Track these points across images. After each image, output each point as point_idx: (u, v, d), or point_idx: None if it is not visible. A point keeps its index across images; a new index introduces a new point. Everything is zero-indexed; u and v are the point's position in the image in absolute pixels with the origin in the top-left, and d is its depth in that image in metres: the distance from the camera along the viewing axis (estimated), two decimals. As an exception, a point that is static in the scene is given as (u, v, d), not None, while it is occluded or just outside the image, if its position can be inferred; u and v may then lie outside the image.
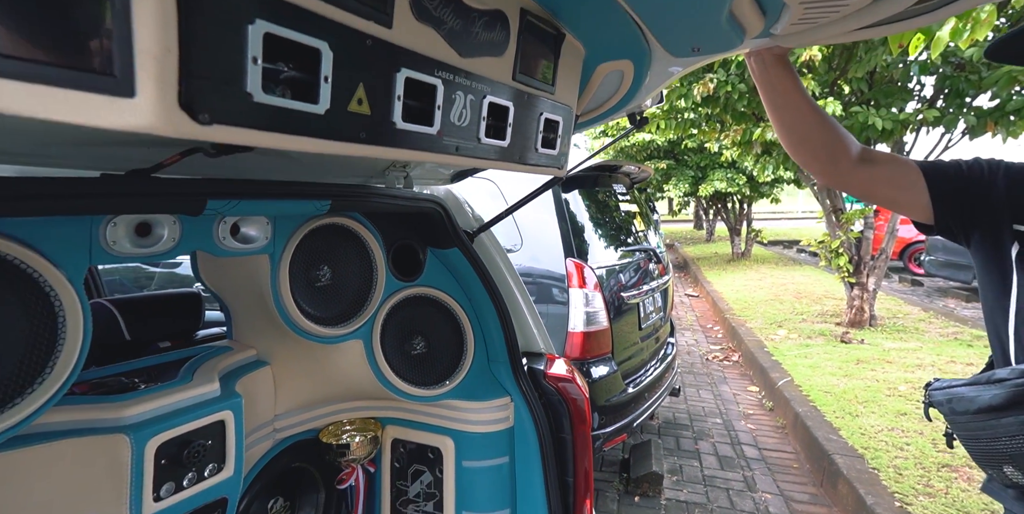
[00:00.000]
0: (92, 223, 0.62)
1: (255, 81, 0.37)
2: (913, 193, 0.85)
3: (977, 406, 0.77)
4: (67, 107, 0.30)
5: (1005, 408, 0.75)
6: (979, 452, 0.79)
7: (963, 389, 0.79)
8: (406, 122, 0.50)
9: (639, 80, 0.82)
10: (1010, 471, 0.77)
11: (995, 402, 0.75)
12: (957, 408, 0.80)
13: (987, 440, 0.77)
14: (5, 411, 0.54)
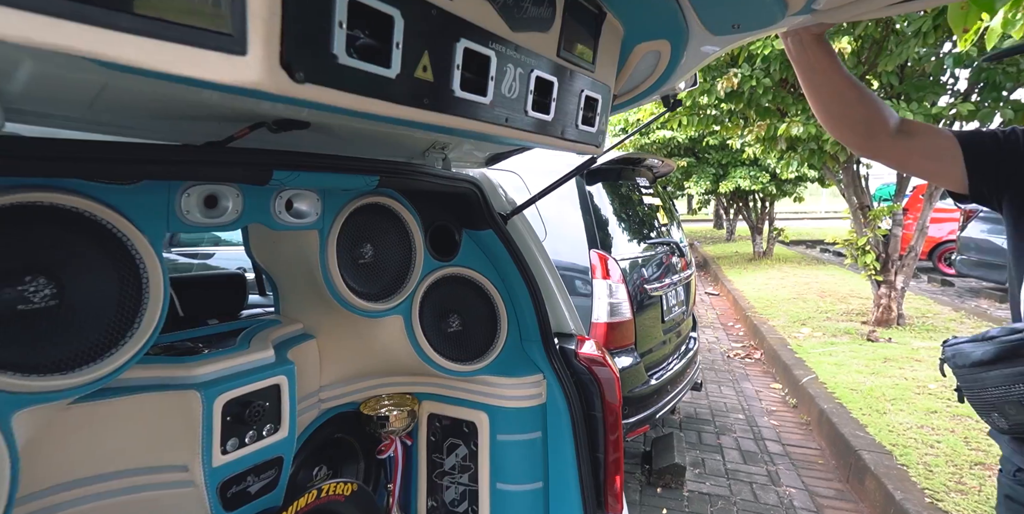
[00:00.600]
0: (170, 193, 0.67)
1: (340, 44, 0.41)
2: (948, 163, 0.87)
3: (971, 360, 0.86)
4: (191, 63, 0.34)
5: (993, 362, 0.84)
6: (974, 401, 0.88)
7: (965, 345, 0.87)
8: (463, 91, 0.54)
9: (675, 61, 0.84)
10: (996, 417, 0.86)
11: (985, 357, 0.84)
12: (958, 362, 0.88)
13: (978, 390, 0.86)
14: (101, 361, 0.59)
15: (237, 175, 0.64)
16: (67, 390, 0.57)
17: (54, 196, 0.56)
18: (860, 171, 4.94)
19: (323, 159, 0.72)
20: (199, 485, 0.72)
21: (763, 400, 3.70)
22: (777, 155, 5.23)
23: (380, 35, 0.44)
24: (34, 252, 0.56)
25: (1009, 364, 0.83)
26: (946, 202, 7.86)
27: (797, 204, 11.43)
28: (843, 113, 0.88)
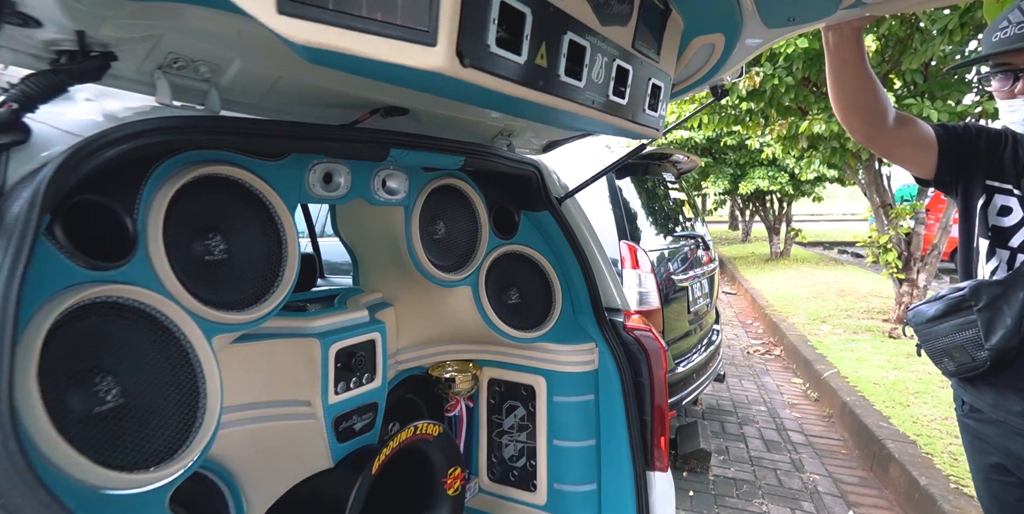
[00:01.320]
0: (301, 169, 0.79)
1: (492, 36, 0.52)
2: (925, 152, 1.05)
3: (926, 317, 1.04)
4: (395, 51, 0.46)
5: (942, 316, 1.02)
6: (930, 351, 1.06)
7: (921, 306, 1.07)
8: (566, 76, 0.65)
9: (727, 53, 0.94)
10: (946, 362, 1.04)
11: (936, 313, 1.02)
12: (916, 321, 1.07)
13: (932, 341, 1.04)
14: (260, 304, 0.71)
15: (363, 151, 0.76)
16: (242, 324, 0.68)
17: (229, 169, 0.68)
18: (882, 170, 4.95)
19: (426, 139, 0.84)
20: (319, 418, 0.84)
21: (784, 394, 3.75)
22: (798, 154, 5.26)
23: (514, 29, 0.56)
24: (213, 214, 0.69)
25: (955, 316, 1.01)
26: (969, 202, 7.77)
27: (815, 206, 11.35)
28: (860, 103, 1.01)
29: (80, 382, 0.51)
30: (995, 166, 1.03)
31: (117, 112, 0.53)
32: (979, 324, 1.00)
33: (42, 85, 0.42)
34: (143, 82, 0.55)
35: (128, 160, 0.52)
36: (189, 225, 0.67)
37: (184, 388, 0.59)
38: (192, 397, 0.59)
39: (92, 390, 0.51)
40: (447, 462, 0.99)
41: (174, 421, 0.57)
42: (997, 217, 1.02)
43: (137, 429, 0.53)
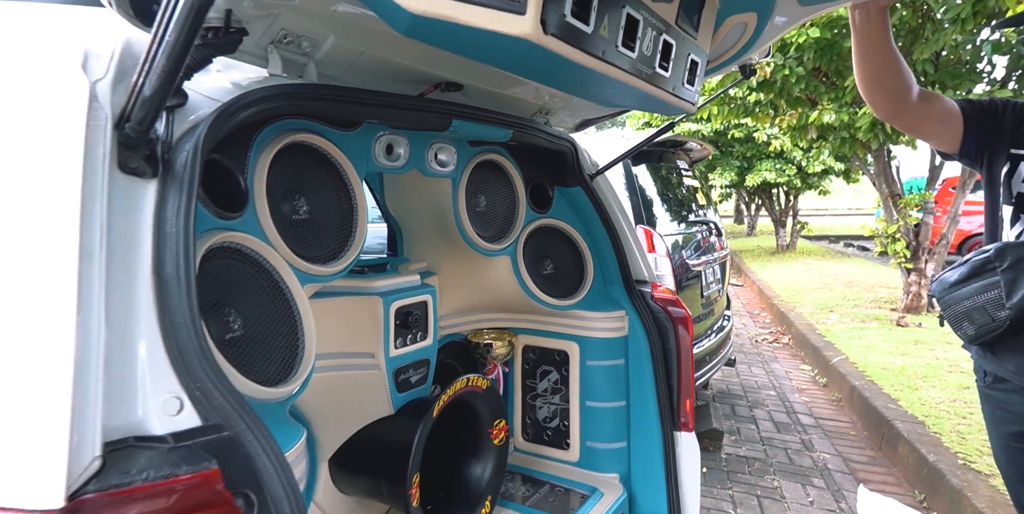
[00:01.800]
0: (369, 139, 0.86)
1: (569, 7, 0.59)
2: (950, 127, 1.09)
3: (949, 282, 1.08)
4: (492, 19, 0.53)
5: (966, 279, 1.06)
6: (950, 317, 1.08)
7: (944, 274, 1.10)
8: (622, 47, 0.71)
9: (758, 32, 1.00)
10: (966, 326, 1.06)
11: (960, 277, 1.06)
12: (938, 288, 1.10)
13: (953, 306, 1.07)
14: (337, 260, 0.79)
15: (429, 120, 0.83)
16: (324, 276, 0.76)
17: (313, 137, 0.76)
18: (891, 161, 4.99)
19: (482, 112, 0.91)
20: (382, 369, 0.92)
21: (793, 379, 3.82)
22: (807, 145, 5.29)
23: (585, 2, 0.62)
24: (298, 178, 0.76)
25: (978, 278, 1.05)
26: (977, 194, 7.79)
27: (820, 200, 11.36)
28: (884, 79, 1.06)
29: (215, 313, 0.58)
30: (1020, 135, 1.06)
31: (240, 81, 0.60)
32: (1002, 285, 1.02)
33: (197, 57, 0.49)
34: (258, 56, 0.63)
35: (246, 125, 0.59)
36: (280, 187, 0.74)
37: (287, 325, 0.67)
38: (293, 333, 0.67)
39: (224, 320, 0.59)
40: (492, 414, 1.06)
41: (283, 351, 0.65)
42: (1022, 184, 1.06)
43: (258, 354, 0.61)
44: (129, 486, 0.35)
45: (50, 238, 0.38)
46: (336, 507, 1.02)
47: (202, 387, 0.42)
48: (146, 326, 0.42)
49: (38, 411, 0.34)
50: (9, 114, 0.43)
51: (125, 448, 0.38)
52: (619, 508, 1.14)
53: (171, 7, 0.38)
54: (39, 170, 0.41)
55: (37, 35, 0.49)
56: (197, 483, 0.38)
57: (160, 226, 0.45)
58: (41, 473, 0.33)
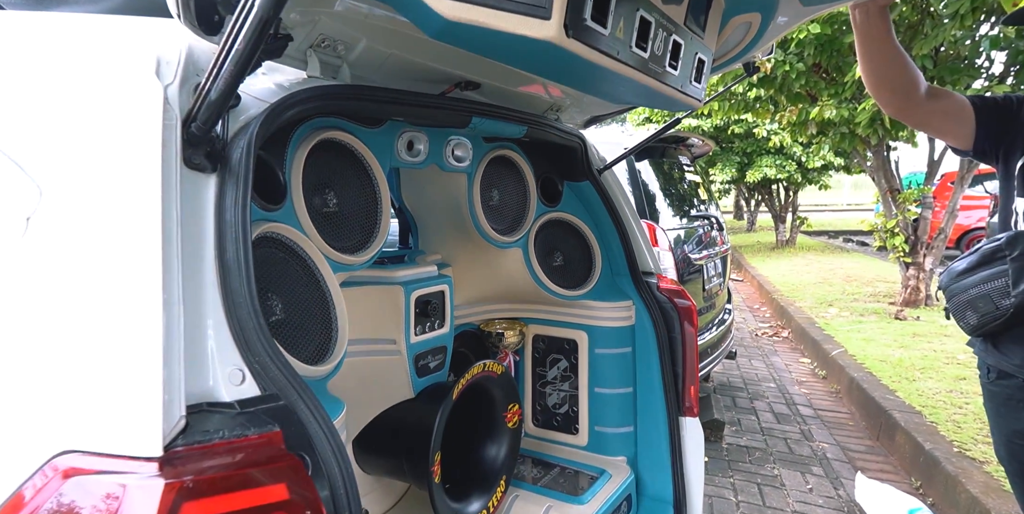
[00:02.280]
0: (392, 136, 0.90)
1: (588, 11, 0.63)
2: (961, 123, 1.09)
3: (956, 271, 1.08)
4: (520, 23, 0.57)
5: (974, 268, 1.05)
6: (955, 308, 1.08)
7: (955, 264, 1.10)
8: (635, 48, 0.76)
9: (761, 31, 1.04)
10: (969, 315, 1.05)
11: (968, 265, 1.06)
12: (946, 278, 1.10)
13: (958, 295, 1.06)
14: (364, 251, 0.83)
15: (451, 117, 0.87)
16: (353, 265, 0.81)
17: (341, 135, 0.80)
18: (890, 156, 5.03)
19: (499, 109, 0.95)
20: (403, 354, 0.97)
21: (792, 372, 3.88)
22: (806, 140, 5.33)
23: (603, 8, 0.67)
24: (328, 173, 0.80)
25: (987, 267, 1.04)
26: (975, 189, 7.83)
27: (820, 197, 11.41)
28: (889, 76, 1.09)
29: (260, 298, 0.63)
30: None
31: (283, 83, 0.64)
32: (1010, 273, 1.01)
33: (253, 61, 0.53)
34: (298, 59, 0.67)
35: (289, 123, 0.64)
36: (313, 181, 0.79)
37: (322, 309, 0.71)
38: (328, 317, 0.72)
39: (268, 304, 0.64)
40: (507, 398, 1.11)
41: (319, 333, 0.69)
42: None
43: (299, 335, 0.66)
44: (209, 442, 0.40)
45: (136, 227, 0.43)
46: (360, 485, 1.06)
47: (260, 361, 0.46)
48: (212, 306, 0.47)
49: (138, 376, 0.39)
50: (94, 116, 0.47)
51: (200, 412, 0.43)
52: (627, 488, 1.19)
53: (241, 19, 0.42)
54: (124, 166, 0.45)
55: (116, 44, 0.54)
56: (264, 442, 0.43)
57: (221, 216, 0.50)
58: (143, 428, 0.38)
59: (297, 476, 0.42)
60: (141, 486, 0.36)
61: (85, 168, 0.47)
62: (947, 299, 1.12)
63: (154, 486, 0.36)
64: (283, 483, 0.41)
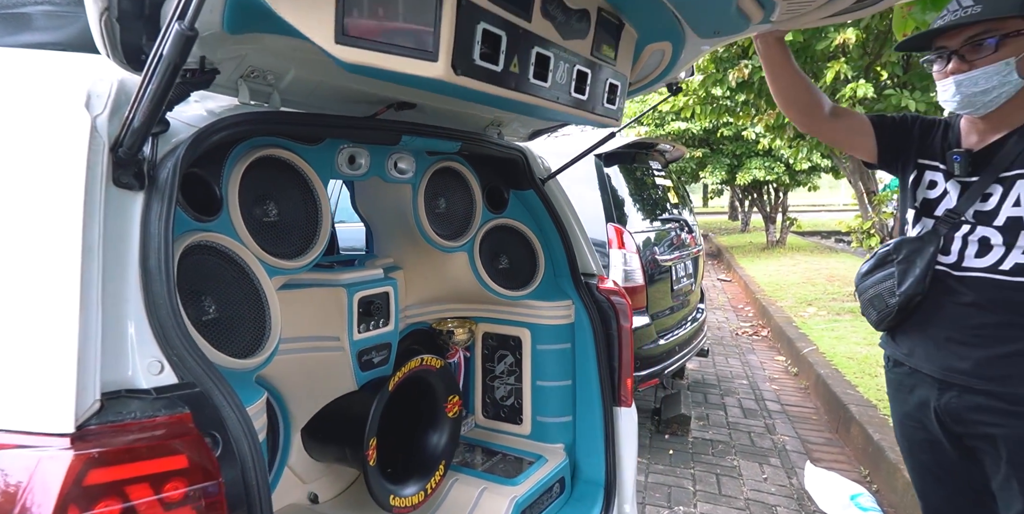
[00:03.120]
0: (332, 151, 1.00)
1: (476, 52, 0.73)
2: (865, 138, 1.22)
3: (861, 273, 1.23)
4: (408, 65, 0.67)
5: (872, 270, 1.20)
6: (862, 305, 1.23)
7: (861, 266, 1.24)
8: (535, 79, 0.86)
9: (675, 57, 1.14)
10: (871, 312, 1.20)
11: (868, 268, 1.21)
12: (856, 280, 1.25)
13: (862, 294, 1.21)
14: (303, 256, 0.93)
15: (381, 137, 0.97)
16: (291, 269, 0.91)
17: (280, 151, 0.90)
18: (867, 158, 5.13)
19: (429, 128, 1.05)
20: (346, 350, 1.07)
21: (767, 369, 3.98)
22: (787, 142, 5.44)
23: (494, 47, 0.77)
24: (268, 186, 0.91)
25: (881, 269, 1.19)
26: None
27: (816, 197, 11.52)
28: (794, 97, 1.21)
29: (193, 299, 0.73)
30: (926, 147, 1.19)
31: (214, 109, 0.74)
32: (895, 275, 1.15)
33: (176, 93, 0.63)
34: (230, 87, 0.77)
35: (220, 144, 0.74)
36: (252, 193, 0.89)
37: (256, 309, 0.81)
38: (261, 316, 0.82)
39: (200, 305, 0.74)
40: (447, 390, 1.21)
41: (251, 331, 0.79)
42: (926, 190, 1.18)
43: (230, 332, 0.76)
44: (121, 422, 0.50)
45: (59, 237, 0.53)
46: (308, 472, 1.17)
47: (178, 354, 0.56)
48: (134, 306, 0.57)
49: (53, 366, 0.49)
50: (29, 143, 0.57)
51: (119, 397, 0.53)
52: (559, 472, 1.29)
53: (156, 61, 0.52)
54: (52, 186, 0.55)
55: (52, 80, 0.64)
56: (173, 422, 0.53)
57: (145, 228, 0.60)
58: (57, 409, 0.47)
59: (198, 450, 0.52)
60: (52, 457, 0.45)
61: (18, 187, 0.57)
62: (858, 298, 1.26)
63: (64, 457, 0.45)
64: (183, 454, 0.50)
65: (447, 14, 0.67)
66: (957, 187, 1.13)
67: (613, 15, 0.99)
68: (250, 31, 0.68)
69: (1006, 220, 1.05)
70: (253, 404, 0.68)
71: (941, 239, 1.12)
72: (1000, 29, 1.02)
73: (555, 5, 0.85)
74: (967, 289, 1.09)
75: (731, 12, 0.92)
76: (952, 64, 1.07)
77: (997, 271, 1.06)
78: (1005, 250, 1.05)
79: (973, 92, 1.05)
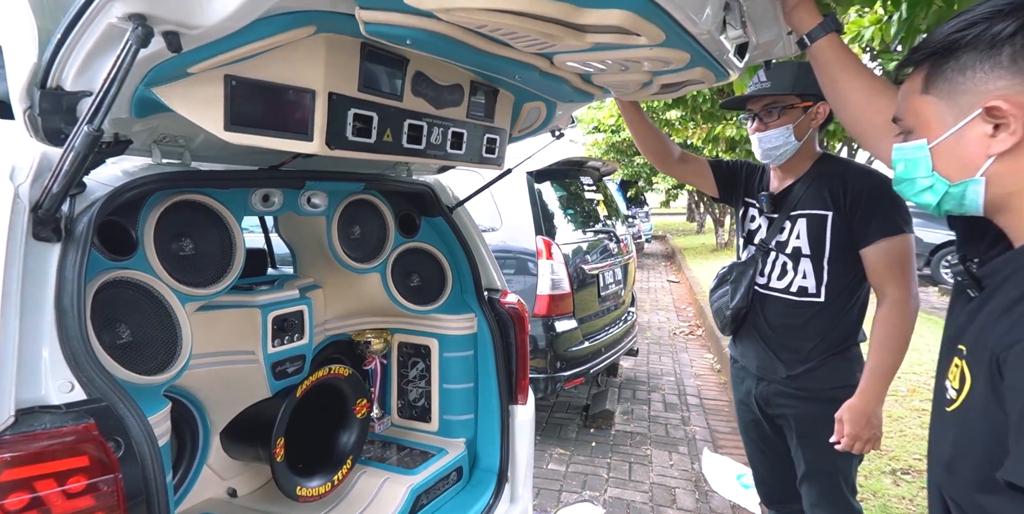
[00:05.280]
0: (247, 194, 1.17)
1: (349, 131, 0.92)
2: (706, 179, 1.52)
3: (711, 288, 1.52)
4: (287, 145, 0.86)
5: (716, 287, 1.50)
6: (713, 315, 1.52)
7: (712, 284, 1.52)
8: (409, 143, 1.05)
9: (551, 114, 1.36)
10: (717, 321, 1.49)
11: (713, 286, 1.51)
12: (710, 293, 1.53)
13: (711, 305, 1.51)
14: (217, 284, 1.10)
15: (286, 183, 1.15)
16: (204, 296, 1.07)
17: (196, 196, 1.07)
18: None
19: (331, 173, 1.24)
20: (260, 363, 1.24)
21: (694, 367, 4.33)
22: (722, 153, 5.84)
23: (366, 124, 0.96)
24: (184, 225, 1.07)
25: (721, 287, 1.48)
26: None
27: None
28: (648, 145, 1.48)
29: (108, 326, 0.89)
30: (749, 188, 1.50)
31: (129, 169, 0.90)
32: (729, 292, 1.47)
33: (93, 161, 0.79)
34: (144, 150, 0.93)
35: (136, 197, 0.90)
36: (169, 232, 1.05)
37: (168, 332, 0.98)
38: (173, 338, 0.98)
39: (115, 331, 0.90)
40: (356, 395, 1.40)
41: (163, 351, 0.96)
42: (748, 223, 1.49)
43: (143, 353, 0.92)
44: (32, 432, 0.66)
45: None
46: (226, 469, 1.33)
47: (87, 375, 0.73)
48: (49, 337, 0.72)
49: None
50: None
51: (33, 412, 0.69)
52: (457, 462, 1.50)
53: (72, 144, 0.68)
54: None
55: None
56: (80, 430, 0.69)
57: (61, 273, 0.75)
58: None
59: (98, 451, 0.68)
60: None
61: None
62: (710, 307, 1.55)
63: (-22, 462, 0.61)
64: (86, 455, 0.67)
65: (320, 107, 0.85)
66: (766, 222, 1.42)
67: (486, 85, 1.19)
68: (156, 113, 0.85)
69: (792, 249, 1.34)
70: (158, 413, 0.85)
71: (758, 263, 1.41)
72: (782, 102, 1.31)
73: (426, 85, 1.05)
74: (772, 305, 1.38)
75: (571, 92, 1.15)
76: (755, 124, 1.35)
77: (787, 292, 1.35)
78: (793, 274, 1.33)
79: (768, 147, 1.34)
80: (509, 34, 0.77)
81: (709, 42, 0.83)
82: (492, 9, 0.68)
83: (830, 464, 1.34)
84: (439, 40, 0.79)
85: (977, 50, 0.55)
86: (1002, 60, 0.54)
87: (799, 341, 1.34)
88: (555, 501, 2.36)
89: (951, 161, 0.59)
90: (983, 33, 0.54)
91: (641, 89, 1.13)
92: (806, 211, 1.33)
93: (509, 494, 1.56)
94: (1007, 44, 0.53)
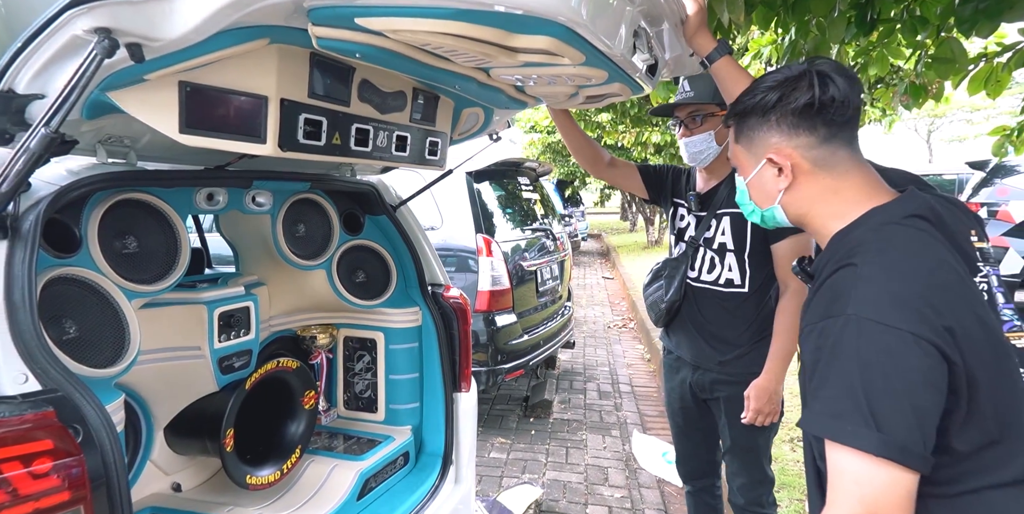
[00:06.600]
0: (192, 192, 1.19)
1: (300, 134, 0.99)
2: (635, 182, 1.67)
3: (645, 283, 1.65)
4: (241, 146, 0.92)
5: (651, 281, 1.63)
6: (647, 308, 1.65)
7: (646, 278, 1.66)
8: (356, 146, 1.14)
9: (488, 118, 1.49)
10: (651, 315, 1.63)
11: (647, 281, 1.64)
12: (643, 288, 1.66)
13: (645, 300, 1.65)
14: (162, 281, 1.11)
15: (233, 182, 1.19)
16: (150, 292, 1.08)
17: (140, 194, 1.08)
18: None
19: (278, 173, 1.28)
20: (207, 357, 1.26)
21: (626, 357, 4.64)
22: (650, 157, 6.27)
23: (316, 127, 1.03)
24: (129, 223, 1.08)
25: (656, 281, 1.61)
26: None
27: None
28: (579, 150, 1.63)
29: (55, 321, 0.90)
30: (677, 189, 1.64)
31: (74, 168, 0.91)
32: (664, 286, 1.59)
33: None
34: (89, 150, 0.94)
35: (81, 196, 0.92)
36: (114, 229, 1.06)
37: (115, 328, 0.99)
38: (121, 332, 1.00)
39: (62, 326, 0.91)
40: (303, 387, 1.45)
41: (112, 345, 0.97)
42: (678, 221, 1.63)
43: (90, 347, 0.93)
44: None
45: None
46: (170, 464, 1.34)
47: (41, 367, 0.75)
48: (1, 331, 0.75)
49: None
50: None
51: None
52: (404, 447, 1.59)
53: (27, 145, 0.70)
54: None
55: None
56: (40, 417, 0.72)
57: (9, 270, 0.77)
58: None
59: (60, 436, 0.71)
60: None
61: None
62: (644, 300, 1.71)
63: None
64: (48, 440, 0.70)
65: (272, 112, 0.92)
66: (695, 220, 1.60)
67: (428, 92, 1.30)
68: (106, 114, 0.88)
69: (718, 245, 1.53)
70: (112, 403, 0.88)
71: (689, 259, 1.58)
72: (703, 110, 1.50)
73: (372, 91, 1.14)
74: (703, 297, 1.55)
75: (506, 100, 1.28)
76: (682, 130, 1.54)
77: (717, 284, 1.53)
78: (720, 268, 1.53)
79: (693, 151, 1.52)
80: (450, 51, 0.89)
81: (623, 62, 0.98)
82: (435, 32, 0.79)
83: (751, 440, 1.50)
84: (386, 54, 0.88)
85: (757, 115, 0.77)
86: (772, 123, 0.75)
87: (729, 329, 1.48)
88: (496, 486, 2.49)
89: (758, 193, 0.82)
90: (760, 102, 0.76)
91: (569, 99, 1.28)
92: (730, 210, 1.47)
93: (454, 475, 1.66)
94: (773, 111, 0.74)
